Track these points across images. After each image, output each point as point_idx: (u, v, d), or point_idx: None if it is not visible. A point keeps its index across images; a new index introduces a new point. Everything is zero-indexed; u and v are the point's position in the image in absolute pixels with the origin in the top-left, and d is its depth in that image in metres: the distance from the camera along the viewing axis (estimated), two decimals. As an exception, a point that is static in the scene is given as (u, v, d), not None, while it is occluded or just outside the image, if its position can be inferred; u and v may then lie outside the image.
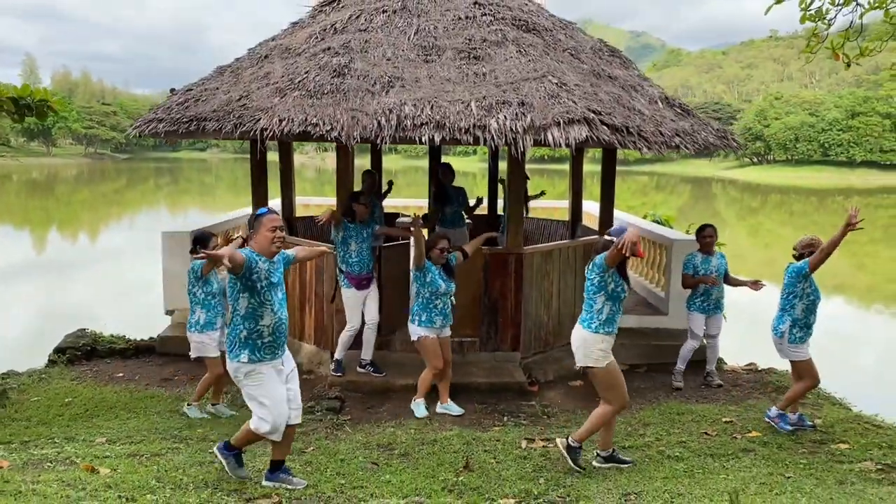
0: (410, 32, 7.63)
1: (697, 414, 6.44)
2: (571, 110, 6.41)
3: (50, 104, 8.24)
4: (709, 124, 7.93)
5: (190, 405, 6.43)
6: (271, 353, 4.34)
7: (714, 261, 7.49)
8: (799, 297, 5.92)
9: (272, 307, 4.30)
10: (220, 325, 6.32)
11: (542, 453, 5.31)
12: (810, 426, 6.00)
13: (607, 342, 4.96)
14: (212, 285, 6.27)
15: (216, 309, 6.30)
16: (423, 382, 6.53)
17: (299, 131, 6.45)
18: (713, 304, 7.50)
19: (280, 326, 4.36)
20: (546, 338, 7.85)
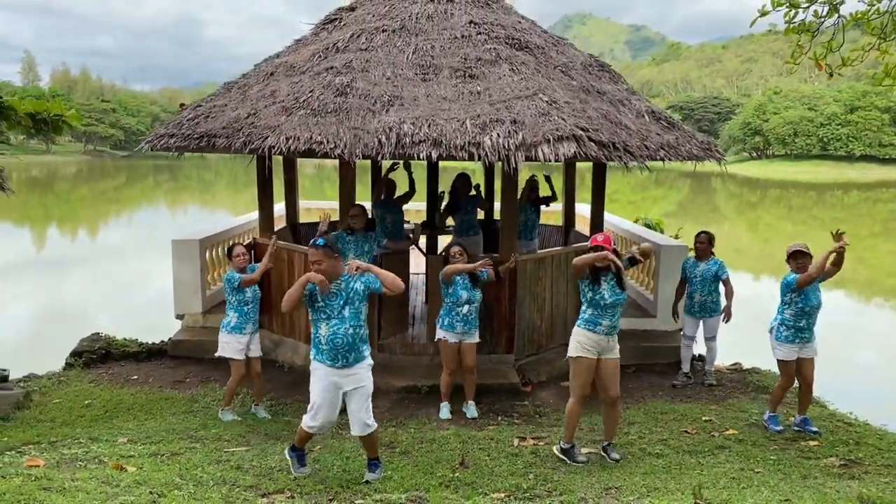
0: (409, 52, 8.03)
1: (680, 413, 6.86)
2: (561, 128, 6.82)
3: (65, 118, 8.66)
4: (693, 136, 8.34)
5: (223, 410, 6.86)
6: (330, 360, 4.92)
7: (702, 266, 7.90)
8: (787, 304, 6.36)
9: (328, 321, 4.89)
10: (249, 332, 6.80)
11: (532, 451, 5.74)
12: (813, 432, 6.32)
13: (583, 337, 5.51)
14: (245, 294, 6.76)
15: (247, 315, 6.79)
16: (441, 385, 7.00)
17: (304, 149, 6.86)
18: (697, 306, 7.92)
19: (334, 339, 4.88)
20: (539, 340, 8.27)
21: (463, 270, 6.68)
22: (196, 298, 9.31)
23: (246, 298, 6.75)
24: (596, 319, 5.49)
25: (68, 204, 41.54)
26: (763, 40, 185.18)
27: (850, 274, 21.06)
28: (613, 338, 5.54)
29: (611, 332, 5.51)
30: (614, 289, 5.46)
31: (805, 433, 6.30)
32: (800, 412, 6.50)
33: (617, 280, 5.48)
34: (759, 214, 40.48)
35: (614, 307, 5.45)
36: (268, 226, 9.14)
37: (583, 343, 5.51)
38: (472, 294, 6.81)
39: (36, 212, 36.11)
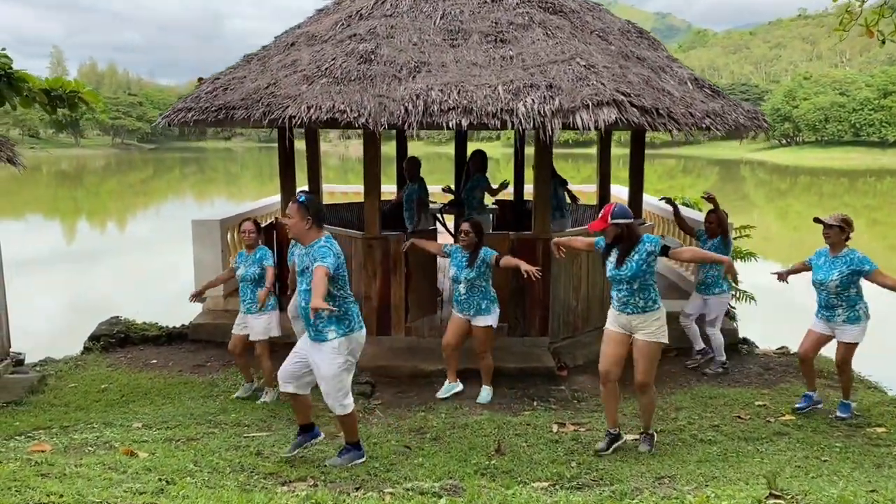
0: (436, 17, 7.60)
1: (730, 398, 6.39)
2: (600, 92, 6.36)
3: (81, 95, 8.34)
4: (739, 105, 7.82)
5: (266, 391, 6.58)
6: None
7: (709, 243, 7.52)
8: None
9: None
10: (242, 310, 6.50)
11: (573, 437, 5.32)
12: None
13: (611, 311, 5.14)
14: (237, 269, 6.49)
15: (243, 293, 6.49)
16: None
17: (327, 118, 6.47)
18: (701, 283, 7.60)
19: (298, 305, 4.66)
20: (575, 322, 7.83)
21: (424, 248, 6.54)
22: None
23: (239, 275, 6.48)
24: (614, 295, 5.08)
25: (97, 197, 41.75)
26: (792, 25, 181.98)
27: (884, 261, 20.23)
28: (635, 316, 4.95)
29: (624, 309, 4.98)
30: (613, 264, 5.00)
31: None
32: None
33: (619, 255, 4.98)
34: (789, 202, 39.47)
35: (616, 282, 5.00)
36: (290, 205, 8.75)
37: (610, 315, 5.16)
38: (458, 272, 6.36)
39: (66, 205, 36.32)
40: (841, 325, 5.85)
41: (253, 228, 6.50)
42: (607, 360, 5.07)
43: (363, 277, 7.51)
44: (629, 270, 4.91)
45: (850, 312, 5.81)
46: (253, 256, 6.44)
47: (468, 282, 6.32)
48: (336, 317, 4.52)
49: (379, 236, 7.46)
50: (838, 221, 5.87)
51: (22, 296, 14.02)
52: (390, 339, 7.63)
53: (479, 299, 6.38)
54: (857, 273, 5.73)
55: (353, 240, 7.57)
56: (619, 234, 4.95)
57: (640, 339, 4.97)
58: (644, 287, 4.93)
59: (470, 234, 6.32)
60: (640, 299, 4.95)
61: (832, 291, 5.81)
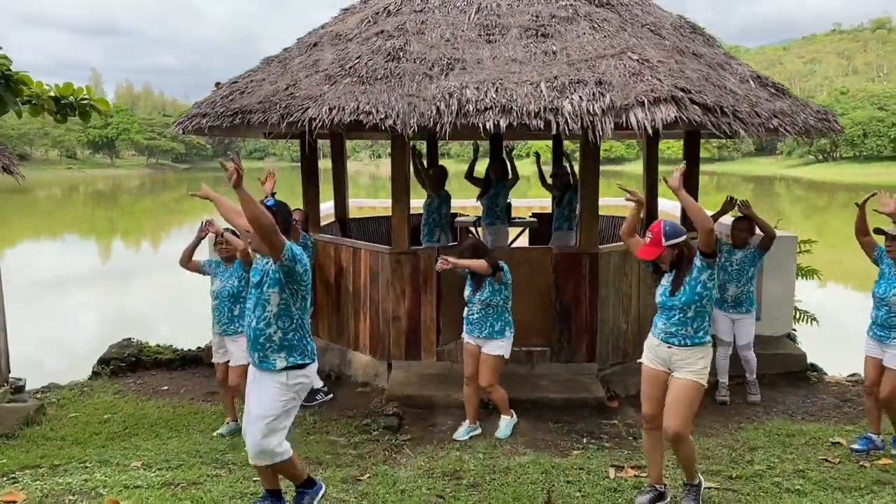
0: (471, 11, 6.95)
1: (810, 435, 5.55)
2: (657, 88, 5.63)
3: (93, 103, 7.81)
4: (807, 104, 7.04)
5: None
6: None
7: (738, 254, 6.59)
8: None
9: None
10: (216, 332, 5.85)
11: (634, 484, 4.53)
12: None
13: (649, 341, 4.27)
14: (212, 284, 5.89)
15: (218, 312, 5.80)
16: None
17: (350, 120, 5.84)
18: (730, 300, 6.63)
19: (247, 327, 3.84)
20: (625, 347, 7.05)
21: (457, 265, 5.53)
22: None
23: (214, 290, 5.81)
24: (656, 318, 4.24)
25: (132, 216, 41.84)
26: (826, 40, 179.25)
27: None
28: (680, 350, 4.08)
29: (669, 340, 4.12)
30: (667, 289, 4.16)
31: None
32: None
33: (674, 279, 4.14)
34: (826, 219, 38.03)
35: (667, 309, 4.13)
36: (314, 220, 8.14)
37: (647, 346, 4.29)
38: (470, 294, 5.62)
39: (102, 224, 36.35)
40: (893, 350, 5.03)
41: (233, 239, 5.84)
42: (653, 403, 4.20)
43: (391, 296, 6.84)
44: (685, 296, 4.07)
45: None
46: (232, 269, 5.78)
47: (482, 302, 5.57)
48: (288, 342, 3.76)
49: (408, 251, 6.79)
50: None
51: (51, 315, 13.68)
52: (420, 364, 6.93)
53: (493, 321, 5.58)
54: None
55: (380, 255, 6.91)
56: (679, 256, 4.18)
57: (681, 377, 4.07)
58: (700, 314, 4.10)
59: (465, 254, 5.62)
60: (691, 329, 4.09)
61: (894, 309, 5.01)
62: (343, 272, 7.40)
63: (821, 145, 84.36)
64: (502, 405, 5.83)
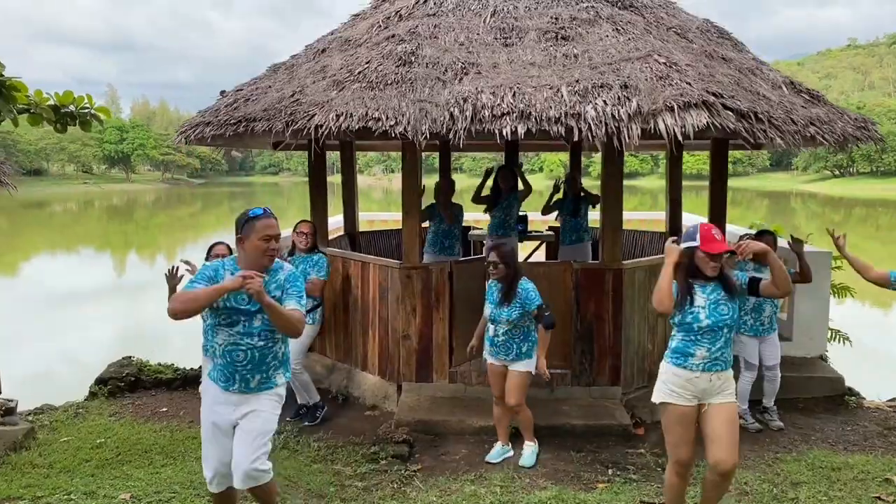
0: (486, 14, 6.62)
1: (858, 469, 5.09)
2: (686, 93, 5.25)
3: (94, 112, 7.52)
4: (845, 112, 6.63)
5: None
6: (224, 380, 3.64)
7: (766, 271, 6.14)
8: None
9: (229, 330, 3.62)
10: None
11: (667, 524, 4.11)
12: None
13: (675, 377, 3.80)
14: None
15: None
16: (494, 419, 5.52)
17: (359, 127, 5.48)
18: (766, 321, 6.22)
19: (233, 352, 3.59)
20: (651, 369, 6.61)
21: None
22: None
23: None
24: (686, 349, 3.79)
25: (147, 231, 41.84)
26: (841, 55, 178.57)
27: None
28: (721, 374, 3.77)
29: (713, 367, 3.75)
30: (718, 305, 3.76)
31: None
32: None
33: (725, 288, 3.79)
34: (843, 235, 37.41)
35: (716, 331, 3.74)
36: (322, 232, 7.79)
37: (670, 383, 3.82)
38: (496, 312, 5.20)
39: (116, 238, 36.33)
40: None
41: (226, 251, 5.76)
42: (688, 445, 3.82)
43: (401, 313, 6.46)
44: (734, 312, 3.76)
45: None
46: None
47: (510, 323, 5.17)
48: (285, 356, 3.82)
49: (419, 266, 6.42)
50: None
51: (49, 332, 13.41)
52: (432, 386, 6.54)
53: (520, 343, 5.23)
54: None
55: (390, 269, 6.54)
56: (723, 266, 3.80)
57: (722, 402, 3.75)
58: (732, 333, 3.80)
59: (500, 266, 5.18)
60: (729, 350, 3.79)
61: None
62: (351, 287, 7.03)
63: (837, 160, 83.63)
64: (528, 429, 5.45)
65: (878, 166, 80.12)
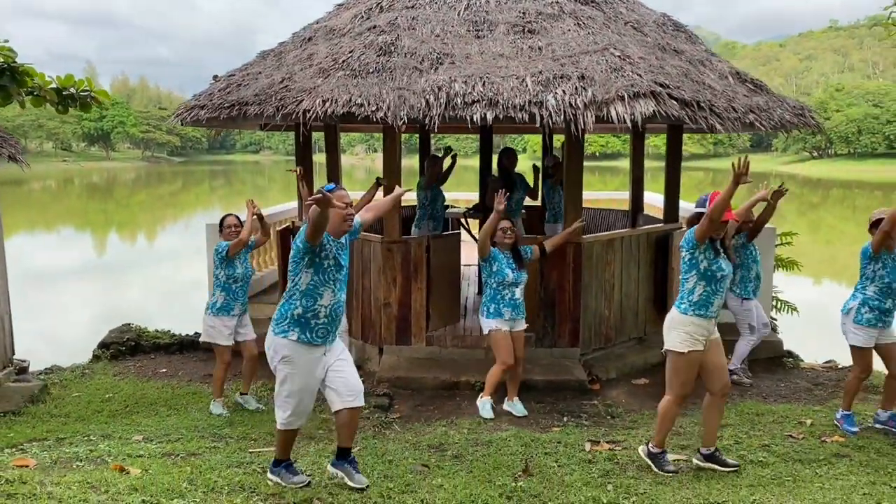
0: (460, 8, 7.21)
1: (779, 415, 5.84)
2: (636, 84, 5.91)
3: (94, 94, 8.05)
4: (785, 100, 7.31)
5: (214, 402, 6.14)
6: (323, 335, 4.03)
7: (743, 238, 6.90)
8: (870, 279, 5.38)
9: (333, 288, 4.02)
10: (237, 312, 6.09)
11: (608, 457, 4.82)
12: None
13: (696, 326, 4.41)
14: (236, 268, 6.03)
15: (235, 294, 6.05)
16: (490, 378, 5.96)
17: (343, 112, 6.08)
18: (752, 284, 6.97)
19: (338, 308, 4.07)
20: (607, 333, 7.32)
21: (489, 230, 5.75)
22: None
23: (236, 274, 6.01)
24: (708, 299, 4.41)
25: (127, 209, 41.91)
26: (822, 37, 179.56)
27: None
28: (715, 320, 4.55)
29: (717, 314, 4.52)
30: (725, 260, 4.47)
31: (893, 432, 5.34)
32: (885, 405, 5.50)
33: (726, 251, 4.54)
34: (820, 215, 38.39)
35: (725, 281, 4.46)
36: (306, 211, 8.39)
37: (694, 333, 4.41)
38: (518, 275, 5.84)
39: (96, 217, 36.45)
40: (891, 328, 5.38)
41: (237, 223, 6.16)
42: (692, 384, 4.56)
43: (382, 284, 7.10)
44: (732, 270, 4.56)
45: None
46: (244, 254, 6.11)
47: (521, 283, 5.92)
48: None
49: (399, 240, 7.05)
50: None
51: (49, 305, 13.90)
52: (410, 348, 7.19)
53: (523, 302, 6.01)
54: None
55: (371, 244, 7.17)
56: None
57: (714, 339, 4.52)
58: None
59: (513, 234, 5.85)
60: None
61: None
62: (356, 266, 7.63)
63: (815, 142, 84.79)
64: (518, 385, 6.12)
65: (854, 148, 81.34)
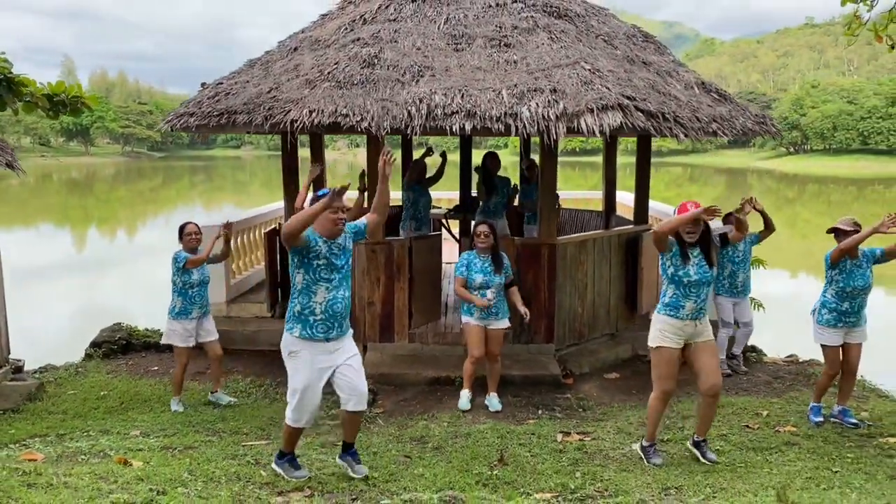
0: (440, 21, 7.54)
1: (738, 406, 6.26)
2: (605, 96, 6.27)
3: (84, 100, 8.29)
4: (746, 109, 7.73)
5: (173, 400, 6.49)
6: (323, 331, 4.30)
7: (740, 245, 7.32)
8: (829, 283, 5.81)
9: (327, 286, 4.30)
10: (195, 316, 6.43)
11: (578, 447, 5.20)
12: (852, 424, 5.75)
13: (664, 324, 4.81)
14: (191, 275, 6.38)
15: (192, 299, 6.39)
16: (464, 372, 6.40)
17: (329, 122, 6.40)
18: (740, 286, 7.40)
19: (334, 305, 4.31)
20: (580, 329, 7.72)
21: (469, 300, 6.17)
22: (220, 287, 8.89)
23: (192, 281, 6.36)
24: (678, 302, 4.76)
25: (107, 205, 41.78)
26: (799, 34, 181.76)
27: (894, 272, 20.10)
28: (702, 321, 4.82)
29: (697, 316, 4.78)
30: (702, 264, 4.78)
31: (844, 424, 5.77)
32: (839, 401, 5.93)
33: (705, 255, 4.79)
34: (797, 210, 39.14)
35: (699, 286, 4.74)
36: (293, 213, 8.71)
37: (665, 331, 4.81)
38: (491, 279, 6.19)
39: (76, 213, 36.36)
40: (858, 328, 5.77)
41: (197, 231, 6.51)
42: (674, 378, 4.91)
43: (366, 283, 7.42)
44: (713, 271, 4.85)
45: (865, 310, 5.79)
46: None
47: (498, 286, 6.22)
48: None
49: (382, 241, 7.38)
50: (853, 226, 5.78)
51: (30, 303, 14.05)
52: (393, 345, 7.53)
53: (500, 304, 6.30)
54: (874, 264, 5.76)
55: (356, 245, 7.46)
56: (706, 232, 4.78)
57: (704, 341, 4.84)
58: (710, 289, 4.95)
59: (490, 237, 6.18)
60: (705, 303, 4.84)
61: (867, 295, 5.73)
62: None
63: (792, 138, 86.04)
64: (497, 380, 6.46)
65: (830, 144, 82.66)
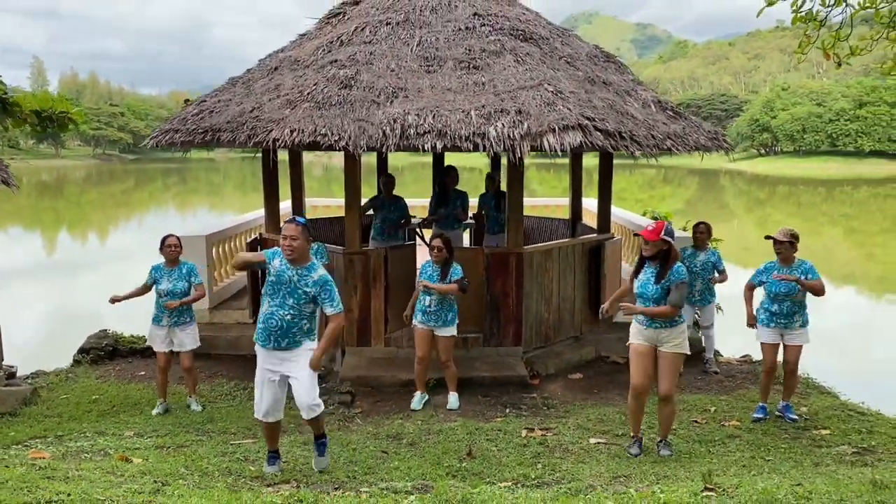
0: (413, 44, 7.99)
1: (690, 403, 6.80)
2: (566, 117, 6.78)
3: (70, 115, 8.67)
4: (700, 126, 8.28)
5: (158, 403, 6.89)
6: (263, 339, 4.81)
7: (701, 256, 7.87)
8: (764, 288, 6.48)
9: (269, 301, 4.79)
10: (165, 324, 6.78)
11: (540, 441, 5.69)
12: (791, 419, 6.30)
13: (636, 328, 5.44)
14: (160, 284, 6.75)
15: (161, 307, 6.73)
16: (415, 375, 6.97)
17: (309, 141, 6.84)
18: (697, 295, 7.94)
19: (269, 319, 4.76)
20: (547, 333, 8.22)
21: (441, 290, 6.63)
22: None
23: (160, 289, 6.74)
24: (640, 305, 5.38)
25: (78, 207, 41.61)
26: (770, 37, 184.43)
27: (861, 269, 20.97)
28: (663, 330, 5.28)
29: (652, 325, 5.30)
30: (649, 280, 5.31)
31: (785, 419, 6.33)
32: (783, 398, 6.51)
33: (657, 273, 5.27)
34: (767, 211, 40.10)
35: (644, 299, 5.30)
36: (274, 221, 9.14)
37: (634, 331, 5.47)
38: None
39: (47, 216, 36.21)
40: (793, 330, 6.30)
41: (177, 243, 6.86)
42: (640, 374, 5.41)
43: (344, 291, 7.84)
44: (657, 293, 5.26)
45: (803, 317, 6.29)
46: (178, 271, 6.79)
47: (440, 295, 6.67)
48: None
49: (359, 251, 7.82)
50: (788, 237, 6.32)
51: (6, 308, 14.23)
52: (370, 349, 7.97)
53: (446, 312, 6.74)
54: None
55: (335, 254, 7.92)
56: (664, 252, 5.26)
57: (667, 350, 5.32)
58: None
59: (443, 251, 6.67)
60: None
61: (794, 300, 6.22)
62: None
63: (762, 140, 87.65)
64: (453, 381, 6.95)
65: (799, 146, 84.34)
